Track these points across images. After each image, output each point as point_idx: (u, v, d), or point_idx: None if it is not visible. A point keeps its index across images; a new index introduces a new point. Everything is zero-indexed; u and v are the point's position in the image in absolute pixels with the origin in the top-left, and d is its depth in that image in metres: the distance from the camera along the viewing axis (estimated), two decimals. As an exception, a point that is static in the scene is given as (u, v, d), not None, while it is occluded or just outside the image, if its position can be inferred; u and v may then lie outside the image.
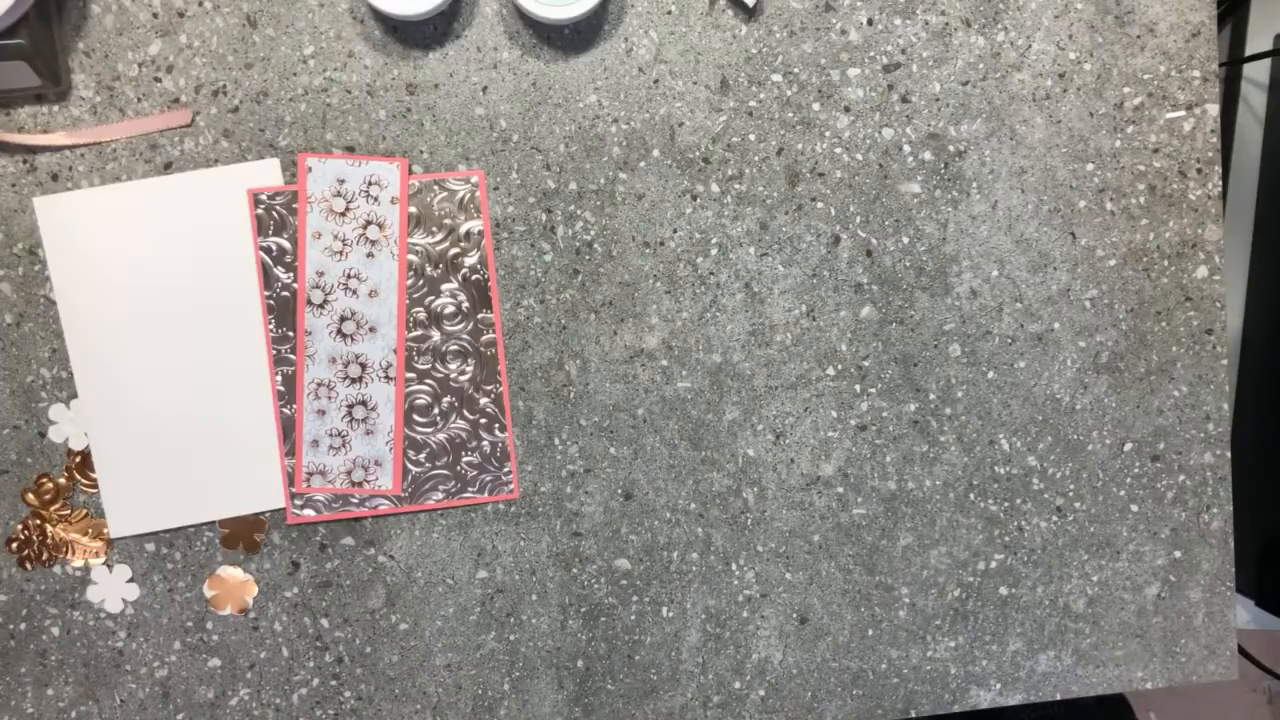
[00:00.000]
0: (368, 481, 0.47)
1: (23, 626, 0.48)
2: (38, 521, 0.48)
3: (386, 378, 0.46)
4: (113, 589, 0.48)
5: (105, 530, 0.47)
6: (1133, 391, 0.50)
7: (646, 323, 0.48)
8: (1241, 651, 0.61)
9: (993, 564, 0.51)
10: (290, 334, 0.46)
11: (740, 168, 0.48)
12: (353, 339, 0.46)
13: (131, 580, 0.48)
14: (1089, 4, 0.48)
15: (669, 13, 0.47)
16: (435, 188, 0.46)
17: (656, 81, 0.47)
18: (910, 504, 0.50)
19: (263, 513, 0.48)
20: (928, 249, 0.49)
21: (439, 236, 0.46)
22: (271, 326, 0.46)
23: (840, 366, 0.49)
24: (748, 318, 0.49)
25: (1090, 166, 0.49)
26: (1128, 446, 0.51)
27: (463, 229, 0.47)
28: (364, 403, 0.46)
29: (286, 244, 0.46)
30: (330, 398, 0.46)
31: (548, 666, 0.49)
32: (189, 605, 0.48)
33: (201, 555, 0.48)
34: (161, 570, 0.48)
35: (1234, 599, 0.52)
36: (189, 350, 0.46)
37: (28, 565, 0.48)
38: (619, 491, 0.49)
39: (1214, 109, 0.49)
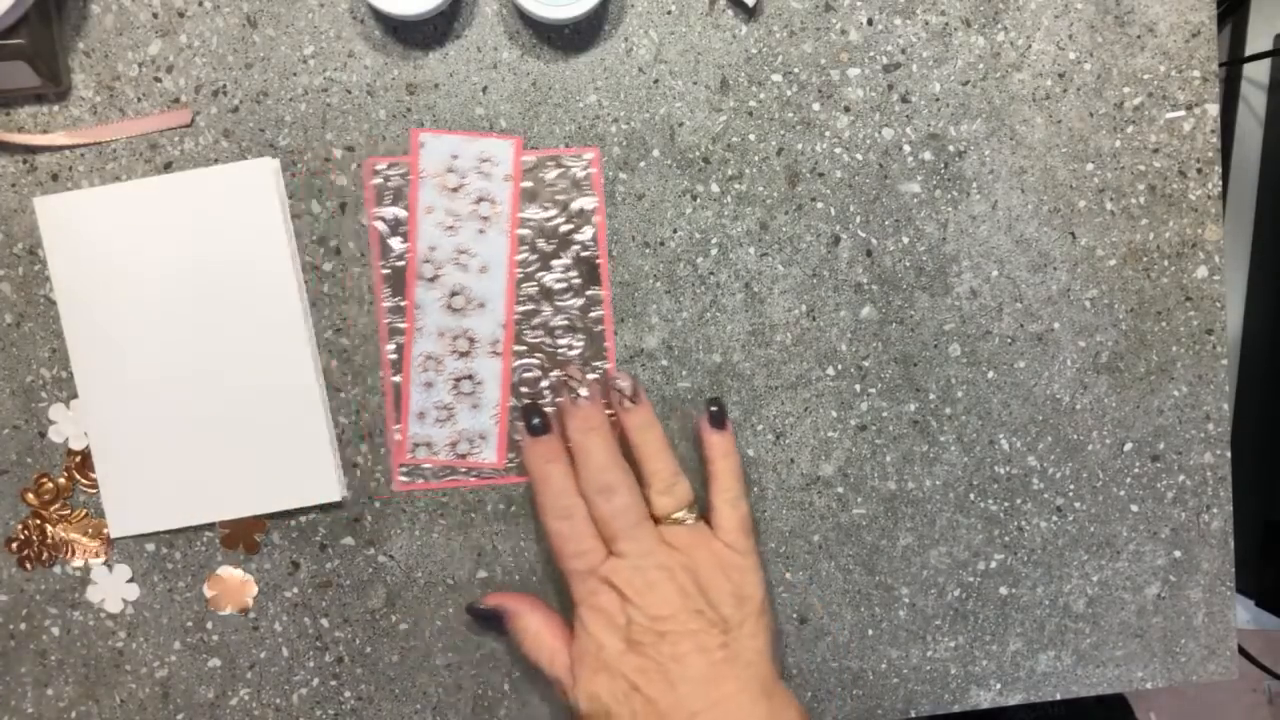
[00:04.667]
0: (472, 454, 0.48)
1: (23, 626, 0.48)
2: (38, 521, 0.48)
3: (494, 353, 0.47)
4: (113, 589, 0.48)
5: (105, 530, 0.47)
6: (1133, 391, 0.50)
7: (646, 323, 0.48)
8: (1241, 651, 0.61)
9: (993, 564, 0.51)
10: (402, 304, 0.47)
11: (740, 168, 0.48)
12: (462, 314, 0.47)
13: (131, 580, 0.48)
14: (1089, 4, 0.48)
15: (669, 13, 0.47)
16: (550, 164, 0.47)
17: (656, 81, 0.47)
18: (910, 504, 0.50)
19: (311, 508, 0.48)
20: (928, 249, 0.49)
21: (552, 212, 0.47)
22: (386, 296, 0.46)
23: (840, 366, 0.49)
24: (748, 318, 0.49)
25: (1090, 166, 0.49)
26: (1128, 446, 0.51)
27: (575, 205, 0.47)
28: (471, 377, 0.47)
29: (402, 213, 0.46)
30: (438, 371, 0.47)
31: (548, 666, 0.49)
32: (189, 605, 0.48)
33: (201, 555, 0.48)
34: (161, 570, 0.48)
35: (1234, 599, 0.52)
36: (194, 348, 0.46)
37: (27, 565, 0.48)
38: (619, 491, 0.49)
39: (1214, 109, 0.49)
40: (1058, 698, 0.52)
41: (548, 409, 0.47)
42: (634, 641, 0.43)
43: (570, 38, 0.47)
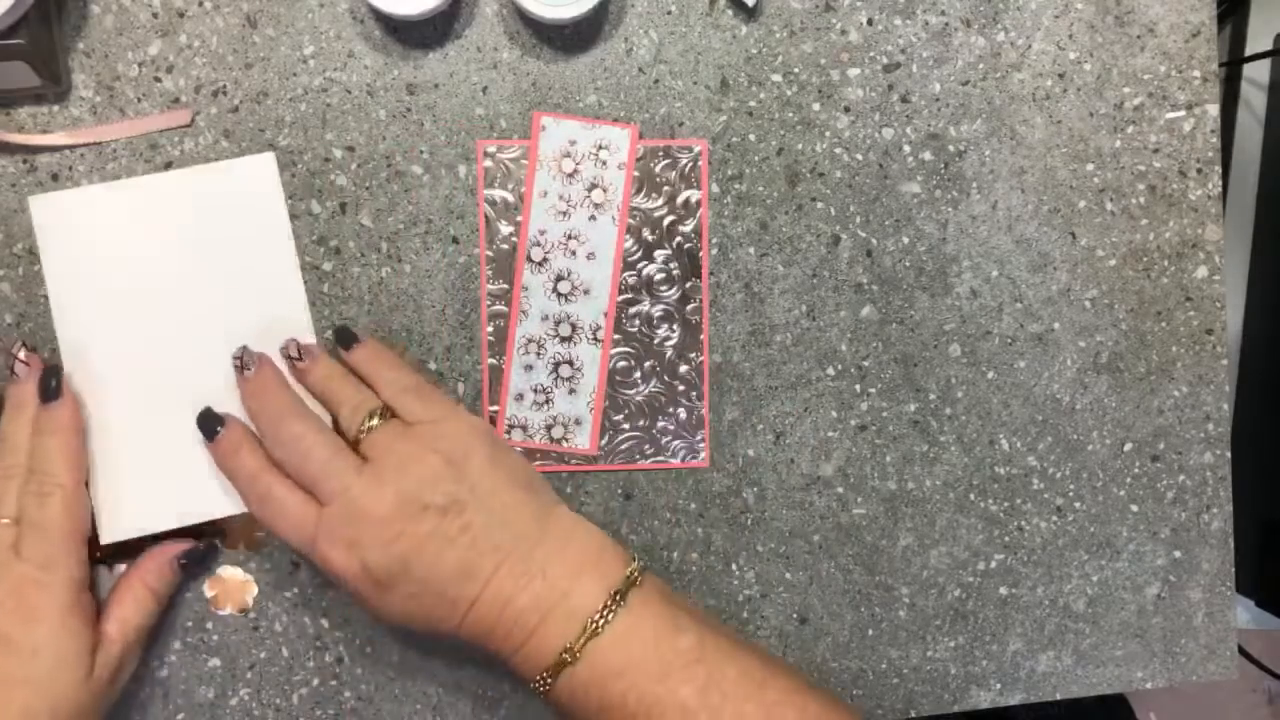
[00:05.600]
0: (566, 439, 0.48)
1: (23, 626, 0.48)
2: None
3: (595, 339, 0.47)
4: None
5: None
6: (1133, 391, 0.50)
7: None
8: (1241, 651, 0.61)
9: (993, 564, 0.51)
10: (505, 288, 0.47)
11: (740, 168, 0.48)
12: (567, 299, 0.47)
13: (131, 580, 0.48)
14: (1089, 4, 0.48)
15: (669, 13, 0.47)
16: (660, 154, 0.47)
17: (656, 81, 0.47)
18: (910, 504, 0.50)
19: None
20: (928, 249, 0.49)
21: (658, 202, 0.47)
22: (489, 278, 0.47)
23: (840, 366, 0.49)
24: (748, 318, 0.49)
25: (1090, 166, 0.49)
26: (1128, 446, 0.51)
27: (680, 197, 0.47)
28: (570, 362, 0.47)
29: (510, 197, 0.47)
30: (539, 354, 0.47)
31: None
32: (189, 605, 0.48)
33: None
34: (161, 570, 0.48)
35: (1234, 599, 0.52)
36: (193, 345, 0.46)
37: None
38: (619, 491, 0.49)
39: (1214, 109, 0.49)
40: (1058, 698, 0.52)
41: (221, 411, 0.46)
42: (381, 581, 0.41)
43: (570, 38, 0.47)
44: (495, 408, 0.48)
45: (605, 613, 0.41)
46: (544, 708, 0.49)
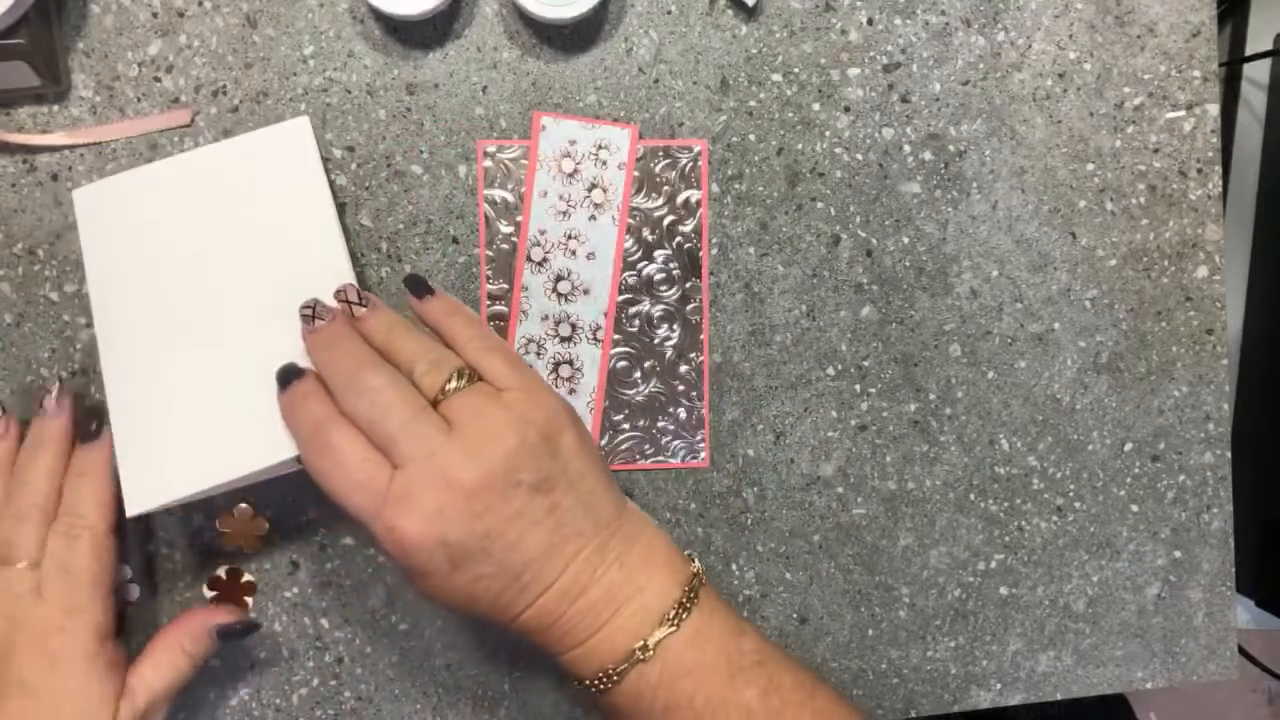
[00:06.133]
0: None
1: (23, 626, 0.48)
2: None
3: (595, 340, 0.47)
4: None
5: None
6: (1133, 391, 0.50)
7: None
8: (1241, 651, 0.61)
9: (993, 564, 0.51)
10: (505, 288, 0.47)
11: (740, 168, 0.48)
12: (567, 299, 0.47)
13: (131, 580, 0.48)
14: (1089, 4, 0.48)
15: (669, 13, 0.47)
16: (660, 154, 0.47)
17: (656, 81, 0.47)
18: (910, 504, 0.50)
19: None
20: (928, 249, 0.49)
21: (658, 202, 0.47)
22: (489, 278, 0.47)
23: (840, 366, 0.49)
24: (748, 318, 0.49)
25: (1090, 166, 0.49)
26: (1128, 446, 0.51)
27: (680, 198, 0.47)
28: (570, 362, 0.47)
29: (510, 197, 0.47)
30: (539, 354, 0.47)
31: (548, 666, 0.49)
32: (189, 605, 0.48)
33: (201, 555, 0.48)
34: (161, 570, 0.48)
35: (1234, 599, 0.52)
36: (234, 319, 0.44)
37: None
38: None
39: (1214, 109, 0.49)
40: (1058, 698, 0.52)
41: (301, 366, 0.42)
42: (454, 559, 0.38)
43: (570, 38, 0.47)
44: None
45: (680, 610, 0.40)
46: (543, 708, 0.49)
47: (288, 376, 0.41)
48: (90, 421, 0.43)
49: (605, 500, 0.41)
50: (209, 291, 0.45)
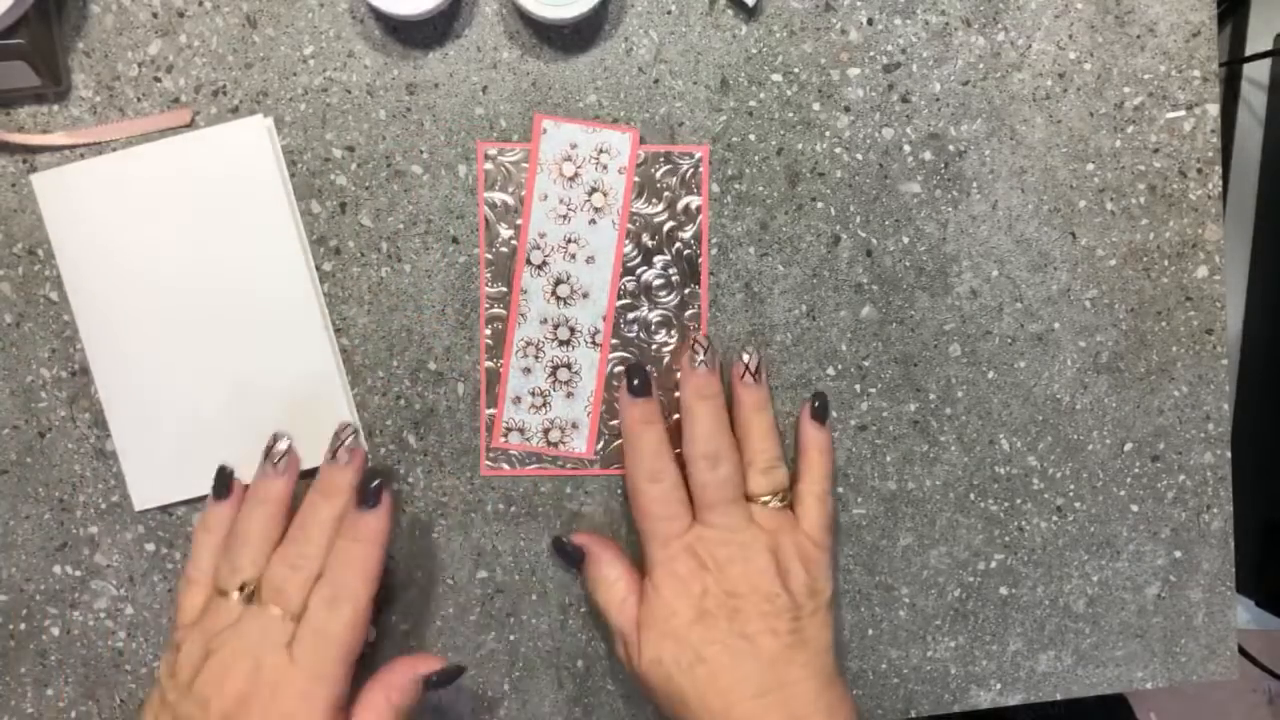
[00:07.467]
0: (563, 443, 0.48)
1: (23, 626, 0.48)
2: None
3: (593, 343, 0.47)
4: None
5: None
6: (1133, 391, 0.50)
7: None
8: (1241, 651, 0.61)
9: (993, 564, 0.51)
10: (504, 290, 0.47)
11: (740, 168, 0.48)
12: (566, 302, 0.47)
13: (132, 580, 0.48)
14: (1089, 4, 0.48)
15: (669, 13, 0.47)
16: (660, 159, 0.47)
17: (656, 81, 0.47)
18: (910, 504, 0.50)
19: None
20: (928, 249, 0.49)
21: (659, 207, 0.47)
22: (488, 281, 0.47)
23: (840, 366, 0.49)
24: (748, 318, 0.49)
25: (1090, 166, 0.49)
26: (1128, 446, 0.51)
27: (680, 203, 0.47)
28: (569, 365, 0.48)
29: (510, 200, 0.47)
30: (538, 357, 0.47)
31: (548, 666, 0.49)
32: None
33: (201, 555, 0.48)
34: (161, 570, 0.48)
35: (1234, 599, 0.52)
36: (202, 311, 0.46)
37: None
38: (619, 493, 0.49)
39: (1214, 109, 0.49)
40: (1058, 698, 0.52)
41: (650, 370, 0.47)
42: (706, 613, 0.43)
43: (570, 38, 0.47)
44: (493, 410, 0.48)
45: None
46: (543, 708, 0.49)
47: (636, 385, 0.45)
48: (370, 484, 0.43)
49: (831, 658, 0.45)
50: (172, 287, 0.46)
